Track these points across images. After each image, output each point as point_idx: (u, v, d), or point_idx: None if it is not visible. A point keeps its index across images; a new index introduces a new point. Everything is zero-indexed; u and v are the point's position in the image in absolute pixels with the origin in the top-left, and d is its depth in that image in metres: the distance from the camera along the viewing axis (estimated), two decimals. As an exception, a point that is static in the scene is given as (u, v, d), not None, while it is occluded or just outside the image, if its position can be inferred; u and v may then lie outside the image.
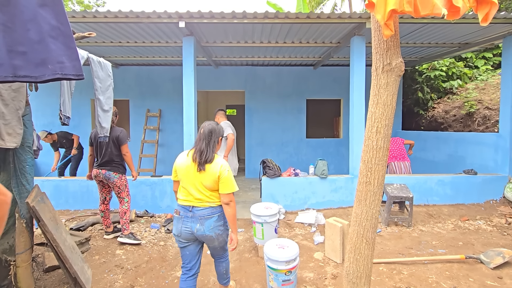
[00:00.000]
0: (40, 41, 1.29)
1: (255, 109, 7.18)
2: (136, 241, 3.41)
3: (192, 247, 2.10)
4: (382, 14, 1.17)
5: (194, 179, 2.00)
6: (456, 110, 6.55)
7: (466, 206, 4.59)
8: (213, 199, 2.04)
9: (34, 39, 1.29)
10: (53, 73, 1.32)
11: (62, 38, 1.32)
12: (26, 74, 1.30)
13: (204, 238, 2.04)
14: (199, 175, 1.98)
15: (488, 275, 2.75)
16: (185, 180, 2.03)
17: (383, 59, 1.41)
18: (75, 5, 14.84)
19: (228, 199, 2.01)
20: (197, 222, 2.00)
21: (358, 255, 1.64)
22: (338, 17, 4.07)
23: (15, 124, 1.96)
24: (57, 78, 1.35)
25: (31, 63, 1.29)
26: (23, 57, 1.29)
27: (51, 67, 1.31)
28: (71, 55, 1.35)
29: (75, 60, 1.36)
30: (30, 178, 2.30)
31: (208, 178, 1.98)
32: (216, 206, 2.06)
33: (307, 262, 3.08)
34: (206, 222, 2.00)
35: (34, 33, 1.28)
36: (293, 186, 4.61)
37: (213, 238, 2.04)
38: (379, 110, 1.45)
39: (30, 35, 1.29)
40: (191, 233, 2.01)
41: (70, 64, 1.34)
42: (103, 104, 2.99)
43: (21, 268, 2.24)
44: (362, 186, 1.58)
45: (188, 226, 2.01)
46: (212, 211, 2.03)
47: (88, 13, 3.88)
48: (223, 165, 2.00)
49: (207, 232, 2.00)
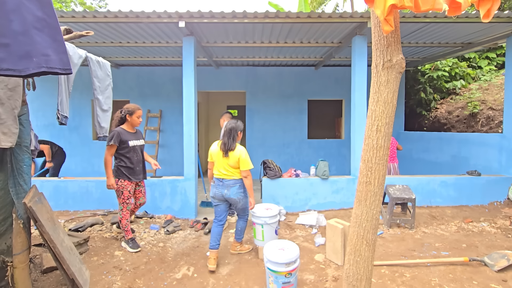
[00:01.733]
0: (24, 33, 1.25)
1: (256, 110, 7.15)
2: (133, 249, 3.25)
3: (222, 206, 3.06)
4: (381, 9, 1.13)
5: (222, 161, 2.94)
6: (459, 110, 6.49)
7: (469, 208, 4.53)
8: (236, 174, 2.95)
9: (17, 30, 1.24)
10: (38, 66, 1.27)
11: (48, 30, 1.28)
12: (9, 67, 1.25)
13: (231, 200, 2.97)
14: (225, 159, 2.91)
15: (493, 277, 2.69)
16: (217, 161, 2.99)
17: (383, 56, 1.37)
18: (78, 5, 14.92)
19: (246, 174, 2.94)
20: (225, 189, 2.94)
21: (358, 257, 1.59)
22: (340, 16, 4.04)
23: (11, 123, 1.94)
24: (43, 72, 1.29)
25: (14, 55, 1.24)
26: (6, 49, 1.24)
27: (36, 60, 1.27)
28: (57, 48, 1.30)
29: (62, 53, 1.31)
30: (27, 178, 2.28)
31: (231, 160, 2.89)
32: (238, 178, 2.96)
33: (308, 264, 3.04)
34: (231, 189, 2.94)
35: (18, 24, 1.24)
36: (294, 187, 4.57)
37: (236, 200, 2.96)
38: (379, 108, 1.41)
39: (13, 26, 1.24)
40: (222, 195, 2.97)
41: (56, 57, 1.30)
42: (102, 104, 2.97)
43: (18, 269, 2.21)
44: (362, 186, 1.54)
45: (220, 191, 2.97)
46: (235, 182, 2.95)
47: (88, 13, 3.88)
48: (242, 151, 2.92)
49: (232, 196, 2.93)
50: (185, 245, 3.52)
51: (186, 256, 3.23)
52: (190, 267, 2.98)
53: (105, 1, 16.73)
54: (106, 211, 4.38)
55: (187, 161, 4.40)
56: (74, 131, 6.89)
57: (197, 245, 3.51)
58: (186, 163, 4.41)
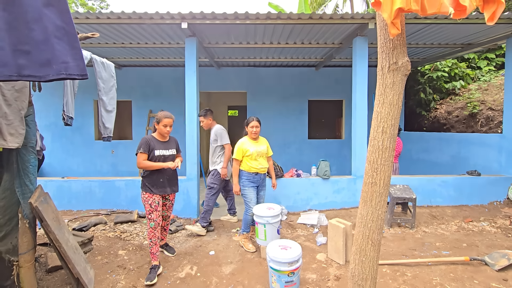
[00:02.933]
0: (45, 41, 1.29)
1: (257, 110, 7.17)
2: (147, 281, 2.69)
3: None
4: (388, 12, 1.16)
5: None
6: (459, 111, 6.53)
7: (469, 208, 4.56)
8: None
9: (39, 39, 1.28)
10: (58, 73, 1.31)
11: (67, 38, 1.32)
12: (31, 74, 1.29)
13: None
14: None
15: (493, 277, 2.72)
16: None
17: (389, 58, 1.39)
18: (79, 7, 14.91)
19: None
20: None
21: (364, 256, 1.62)
22: (341, 17, 4.06)
23: (18, 124, 1.96)
24: (62, 78, 1.34)
25: (36, 63, 1.28)
26: (28, 57, 1.29)
27: (56, 67, 1.31)
28: (75, 55, 1.34)
29: (79, 60, 1.35)
30: (33, 178, 2.30)
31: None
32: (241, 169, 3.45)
33: (310, 263, 3.06)
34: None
35: (39, 33, 1.28)
36: (295, 187, 4.59)
37: None
38: (385, 110, 1.43)
39: (35, 35, 1.28)
40: None
41: (74, 63, 1.33)
42: (106, 105, 2.99)
43: (24, 268, 2.23)
44: (367, 187, 1.56)
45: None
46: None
47: (91, 14, 3.89)
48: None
49: None
50: (188, 244, 3.54)
51: (189, 256, 3.25)
52: (193, 266, 3.00)
53: (106, 2, 16.72)
54: (109, 211, 4.39)
55: (189, 161, 4.42)
56: (76, 131, 6.90)
57: (199, 245, 3.53)
58: (188, 163, 4.43)
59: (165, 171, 2.94)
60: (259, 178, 3.45)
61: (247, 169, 3.40)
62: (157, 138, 2.95)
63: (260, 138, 3.55)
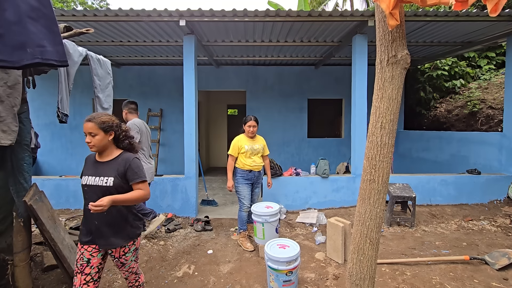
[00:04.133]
0: (18, 22, 1.20)
1: (256, 109, 7.14)
2: None
3: None
4: (387, 3, 1.13)
5: None
6: (459, 109, 6.49)
7: (469, 206, 4.54)
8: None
9: (11, 19, 1.19)
10: (33, 57, 1.22)
11: (44, 20, 1.23)
12: (3, 59, 1.20)
13: None
14: None
15: (493, 276, 2.70)
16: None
17: (388, 51, 1.36)
18: (78, 6, 14.87)
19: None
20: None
21: (362, 256, 1.59)
22: (340, 15, 4.03)
23: (10, 121, 1.93)
24: (38, 63, 1.25)
25: (8, 46, 1.19)
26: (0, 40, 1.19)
27: (30, 51, 1.21)
28: (53, 39, 1.26)
29: (58, 45, 1.26)
30: (27, 176, 2.27)
31: None
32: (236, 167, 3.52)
33: (308, 262, 3.03)
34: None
35: (11, 13, 1.18)
36: (294, 186, 4.57)
37: None
38: (383, 105, 1.40)
39: (7, 16, 1.18)
40: None
41: (52, 48, 1.25)
42: (102, 102, 2.95)
43: (19, 268, 2.20)
44: (366, 184, 1.53)
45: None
46: None
47: (89, 11, 3.86)
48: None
49: None
50: (186, 243, 3.51)
51: (187, 255, 3.22)
52: (191, 265, 2.98)
53: (105, 1, 16.66)
54: (106, 210, 4.36)
55: (188, 159, 4.39)
56: (75, 130, 6.86)
57: (197, 244, 3.50)
58: (187, 162, 4.40)
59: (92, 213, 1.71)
60: (253, 176, 3.46)
61: (241, 166, 3.44)
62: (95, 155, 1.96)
63: (257, 137, 3.57)
